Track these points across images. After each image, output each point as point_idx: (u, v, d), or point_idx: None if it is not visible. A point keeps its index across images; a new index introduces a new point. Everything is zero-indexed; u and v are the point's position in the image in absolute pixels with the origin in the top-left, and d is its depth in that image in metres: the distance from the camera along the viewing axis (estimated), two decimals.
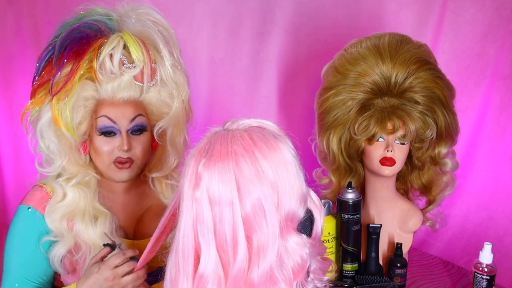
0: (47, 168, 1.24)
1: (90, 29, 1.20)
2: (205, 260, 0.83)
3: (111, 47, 1.18)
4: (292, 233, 0.85)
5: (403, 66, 1.33)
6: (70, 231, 1.22)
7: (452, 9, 1.76)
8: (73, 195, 1.24)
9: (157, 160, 1.33)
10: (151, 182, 1.35)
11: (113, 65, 1.19)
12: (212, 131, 0.89)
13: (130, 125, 1.22)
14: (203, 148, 0.86)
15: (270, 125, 0.90)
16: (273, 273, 0.83)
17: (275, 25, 1.82)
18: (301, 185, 0.86)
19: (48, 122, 1.20)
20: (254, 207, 0.82)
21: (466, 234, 1.93)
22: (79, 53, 1.18)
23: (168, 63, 1.26)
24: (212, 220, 0.83)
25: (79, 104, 1.19)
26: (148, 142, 1.28)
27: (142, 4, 1.28)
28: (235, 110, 1.88)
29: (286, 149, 0.86)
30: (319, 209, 0.91)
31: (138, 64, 1.20)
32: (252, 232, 0.82)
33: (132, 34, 1.21)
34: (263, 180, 0.83)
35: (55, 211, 1.22)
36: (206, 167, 0.83)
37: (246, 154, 0.83)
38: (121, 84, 1.20)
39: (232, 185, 0.82)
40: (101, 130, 1.21)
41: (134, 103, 1.23)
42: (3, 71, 1.75)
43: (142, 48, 1.20)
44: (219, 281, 0.84)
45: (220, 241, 0.83)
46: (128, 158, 1.23)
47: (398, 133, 1.36)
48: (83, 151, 1.25)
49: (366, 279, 1.39)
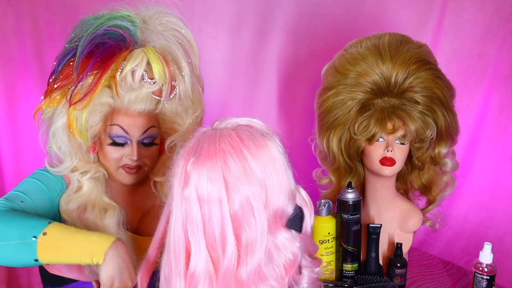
0: (57, 168, 1.25)
1: (113, 39, 1.19)
2: (195, 259, 0.84)
3: (134, 63, 1.17)
4: (281, 230, 0.86)
5: (403, 66, 1.33)
6: (80, 222, 1.23)
7: (452, 9, 1.76)
8: (88, 187, 1.25)
9: (162, 165, 1.34)
10: (153, 184, 1.35)
11: (134, 81, 1.19)
12: (201, 131, 0.90)
13: (142, 136, 1.24)
14: (191, 148, 0.86)
15: (258, 123, 0.90)
16: (262, 270, 0.84)
17: (275, 25, 1.82)
18: (289, 182, 0.87)
19: (62, 126, 1.20)
20: (242, 205, 0.83)
21: (466, 234, 1.93)
22: (101, 66, 1.17)
23: (188, 80, 1.26)
24: (201, 219, 0.83)
25: (95, 109, 1.20)
26: (157, 152, 1.30)
27: (166, 11, 1.27)
28: (235, 110, 1.89)
29: (274, 147, 0.86)
30: (308, 206, 0.91)
31: (159, 82, 1.20)
32: (240, 229, 0.83)
33: (155, 51, 1.20)
34: (251, 178, 0.83)
35: (71, 201, 1.23)
36: (194, 166, 0.84)
37: (234, 153, 0.83)
38: (138, 97, 1.21)
39: (220, 183, 0.82)
40: (112, 137, 1.22)
41: (148, 115, 1.24)
42: (3, 71, 1.75)
43: (164, 66, 1.20)
44: (211, 279, 0.84)
45: (209, 239, 0.84)
46: (137, 165, 1.25)
47: (398, 133, 1.36)
48: (91, 150, 1.26)
49: (366, 279, 1.39)
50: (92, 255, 1.04)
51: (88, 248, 1.04)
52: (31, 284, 1.90)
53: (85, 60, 1.17)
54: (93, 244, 1.04)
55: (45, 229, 1.04)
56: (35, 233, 1.03)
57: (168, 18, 1.27)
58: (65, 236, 1.05)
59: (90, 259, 1.04)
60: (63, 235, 1.05)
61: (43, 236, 1.03)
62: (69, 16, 1.70)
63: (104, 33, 1.18)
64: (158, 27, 1.25)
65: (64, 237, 1.04)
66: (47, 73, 1.24)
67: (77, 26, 1.23)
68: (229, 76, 1.87)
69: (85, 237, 1.05)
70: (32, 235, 1.03)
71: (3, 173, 1.85)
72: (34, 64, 1.76)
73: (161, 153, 1.33)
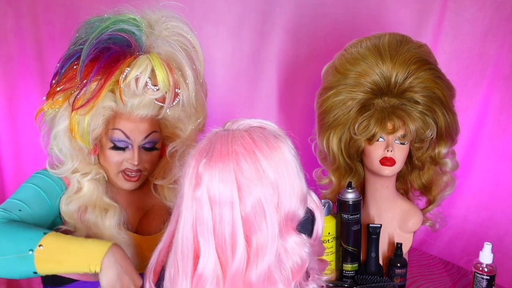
0: (58, 170, 1.24)
1: (118, 44, 1.17)
2: (204, 260, 0.83)
3: (139, 71, 1.16)
4: (291, 233, 0.85)
5: (403, 66, 1.33)
6: (81, 223, 1.23)
7: (452, 9, 1.76)
8: (88, 188, 1.25)
9: (162, 169, 1.34)
10: (152, 187, 1.35)
11: (138, 87, 1.18)
12: (213, 132, 0.89)
13: (143, 141, 1.24)
14: (203, 148, 0.86)
15: (270, 125, 0.90)
16: (271, 273, 0.83)
17: (275, 25, 1.82)
18: (301, 185, 0.86)
19: (64, 130, 1.20)
20: (254, 207, 0.82)
21: (466, 234, 1.93)
22: (105, 72, 1.16)
23: (192, 88, 1.25)
24: (212, 220, 0.83)
25: (97, 113, 1.19)
26: (157, 156, 1.30)
27: (172, 15, 1.26)
28: (235, 110, 1.88)
29: (286, 149, 0.86)
30: (319, 210, 0.91)
31: (162, 89, 1.20)
32: (251, 232, 0.82)
33: (160, 58, 1.19)
34: (264, 180, 0.82)
35: (72, 202, 1.23)
36: (206, 167, 0.83)
37: (246, 154, 0.83)
38: (141, 102, 1.20)
39: (232, 185, 0.82)
40: (114, 142, 1.22)
41: (150, 120, 1.24)
42: (3, 71, 1.75)
43: (168, 74, 1.19)
44: (218, 281, 0.84)
45: (219, 241, 0.83)
46: (137, 169, 1.25)
47: (398, 133, 1.36)
48: (92, 152, 1.26)
49: (366, 279, 1.39)
50: (89, 264, 1.04)
51: (84, 257, 1.04)
52: (31, 284, 1.89)
53: (89, 65, 1.16)
54: (89, 252, 1.04)
55: (40, 241, 1.04)
56: (31, 246, 1.03)
57: (174, 22, 1.25)
58: (61, 246, 1.05)
59: (88, 268, 1.04)
60: (59, 246, 1.04)
61: (39, 249, 1.03)
62: (69, 16, 1.70)
63: (109, 37, 1.17)
64: (163, 32, 1.24)
65: (60, 248, 1.04)
66: (47, 73, 1.24)
67: (81, 27, 1.22)
68: (229, 76, 1.87)
69: (81, 246, 1.05)
70: (28, 248, 1.03)
71: (3, 173, 1.85)
72: (34, 64, 1.76)
73: (162, 156, 1.32)
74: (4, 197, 1.87)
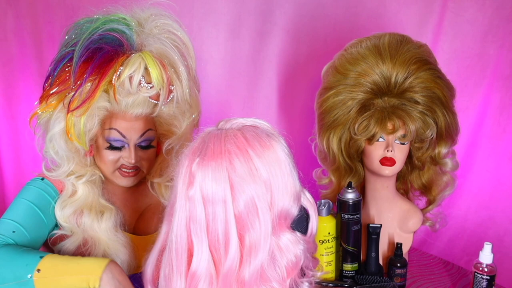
0: (54, 173, 1.24)
1: (110, 43, 1.17)
2: (197, 259, 0.84)
3: (132, 69, 1.16)
4: (285, 231, 0.86)
5: (403, 66, 1.33)
6: (78, 226, 1.23)
7: (452, 9, 1.76)
8: (83, 191, 1.25)
9: (158, 167, 1.34)
10: (150, 185, 1.35)
11: (132, 86, 1.18)
12: (206, 131, 0.90)
13: (139, 140, 1.24)
14: (197, 148, 0.86)
15: (263, 124, 0.90)
16: (264, 271, 0.84)
17: (275, 25, 1.82)
18: (294, 183, 0.87)
19: (60, 132, 1.20)
20: (247, 206, 0.82)
21: (466, 234, 1.93)
22: (99, 72, 1.16)
23: (185, 84, 1.25)
24: (205, 219, 0.83)
25: (92, 113, 1.19)
26: (154, 154, 1.30)
27: (161, 12, 1.26)
28: (235, 110, 1.89)
29: (279, 148, 0.86)
30: (313, 207, 0.91)
31: (156, 86, 1.20)
32: (244, 230, 0.83)
33: (152, 56, 1.19)
34: (257, 178, 0.83)
35: (66, 206, 1.23)
36: (199, 166, 0.84)
37: (239, 153, 0.83)
38: (136, 101, 1.20)
39: (225, 183, 0.82)
40: (110, 141, 1.22)
41: (145, 118, 1.24)
42: (3, 71, 1.75)
43: (161, 71, 1.19)
44: (211, 279, 0.84)
45: (212, 240, 0.83)
46: (134, 166, 1.25)
47: (398, 133, 1.36)
48: (88, 153, 1.25)
49: (366, 279, 1.39)
50: (88, 280, 1.05)
51: (83, 274, 1.05)
52: None
53: (83, 66, 1.15)
54: (88, 269, 1.06)
55: (38, 266, 1.05)
56: (29, 271, 1.05)
57: (163, 20, 1.26)
58: (59, 268, 1.06)
59: (87, 284, 1.05)
60: (56, 268, 1.06)
61: (37, 274, 1.05)
62: (69, 16, 1.70)
63: (101, 37, 1.17)
64: (153, 30, 1.24)
65: (58, 270, 1.06)
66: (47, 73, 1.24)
67: (70, 29, 1.22)
68: (229, 76, 1.87)
69: (78, 265, 1.06)
70: (26, 274, 1.05)
71: (3, 173, 1.85)
72: (34, 64, 1.76)
73: (158, 154, 1.32)
74: (4, 197, 1.87)
